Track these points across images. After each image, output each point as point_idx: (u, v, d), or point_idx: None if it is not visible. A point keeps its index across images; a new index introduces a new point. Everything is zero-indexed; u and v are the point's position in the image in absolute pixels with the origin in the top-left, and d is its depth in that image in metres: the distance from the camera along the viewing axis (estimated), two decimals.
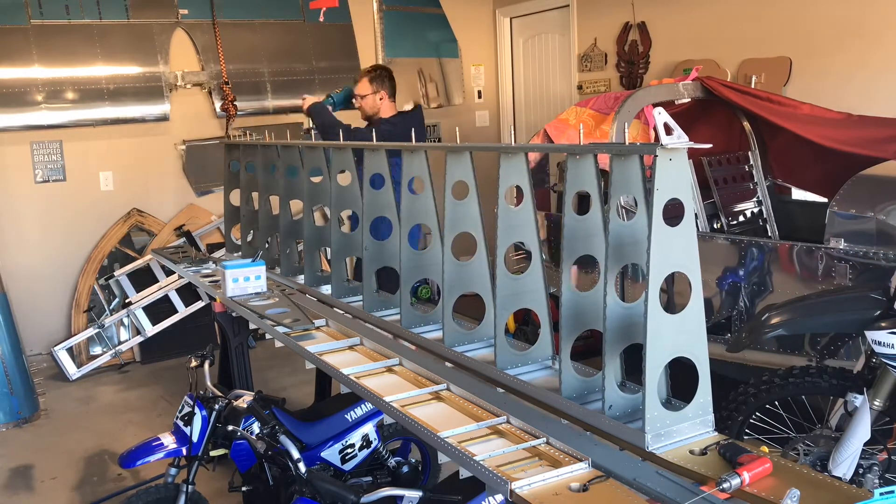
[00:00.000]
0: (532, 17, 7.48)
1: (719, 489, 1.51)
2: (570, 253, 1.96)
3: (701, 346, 1.73)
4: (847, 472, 2.58)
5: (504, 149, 2.13)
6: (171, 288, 5.79)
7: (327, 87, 6.62)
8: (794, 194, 4.73)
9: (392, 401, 2.14)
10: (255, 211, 3.95)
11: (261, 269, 3.30)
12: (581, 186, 1.92)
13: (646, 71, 6.22)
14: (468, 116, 7.69)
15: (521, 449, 1.84)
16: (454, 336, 2.43)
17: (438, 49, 7.24)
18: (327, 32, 6.60)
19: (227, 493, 3.22)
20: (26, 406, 4.94)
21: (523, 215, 2.15)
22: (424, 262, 2.65)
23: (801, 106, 4.27)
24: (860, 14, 4.73)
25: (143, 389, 5.39)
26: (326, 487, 2.62)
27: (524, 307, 2.20)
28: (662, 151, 1.61)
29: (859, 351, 3.31)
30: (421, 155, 2.54)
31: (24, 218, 5.77)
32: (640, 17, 6.19)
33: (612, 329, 1.80)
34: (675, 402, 1.81)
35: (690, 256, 1.70)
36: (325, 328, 2.89)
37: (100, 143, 5.93)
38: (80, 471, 4.21)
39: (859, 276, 3.34)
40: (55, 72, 5.57)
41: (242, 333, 3.94)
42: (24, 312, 5.54)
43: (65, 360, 5.63)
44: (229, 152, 4.25)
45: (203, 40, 6.15)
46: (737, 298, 3.84)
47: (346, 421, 3.23)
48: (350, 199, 3.10)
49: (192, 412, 3.01)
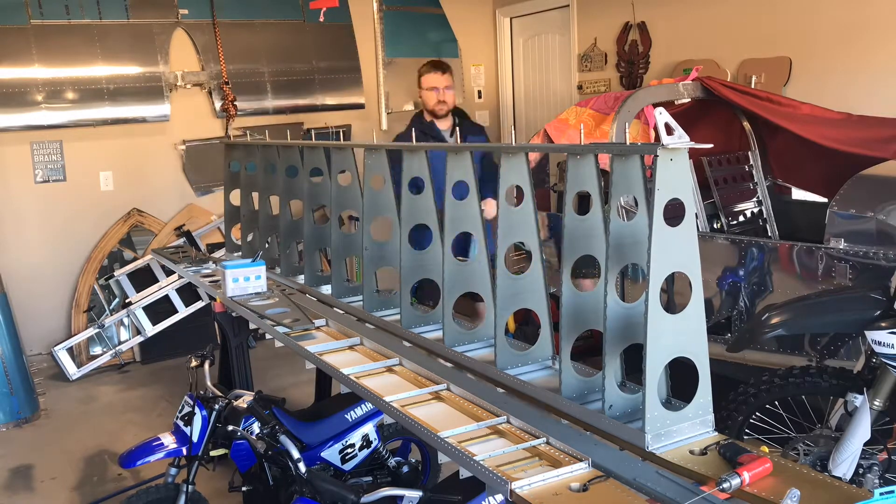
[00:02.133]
0: (532, 17, 7.48)
1: (719, 489, 1.51)
2: (570, 253, 1.96)
3: (701, 346, 1.73)
4: (847, 472, 2.58)
5: (504, 149, 2.13)
6: (171, 288, 5.79)
7: (327, 87, 6.63)
8: (794, 194, 4.73)
9: (392, 401, 2.14)
10: (255, 211, 3.95)
11: (261, 269, 3.30)
12: (581, 186, 1.92)
13: (646, 71, 6.22)
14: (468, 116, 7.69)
15: (521, 449, 1.84)
16: (454, 336, 2.43)
17: (438, 49, 7.24)
18: (327, 32, 6.60)
19: (227, 493, 3.22)
20: (26, 406, 4.94)
21: (523, 215, 2.15)
22: (424, 262, 2.65)
23: (801, 106, 4.27)
24: (860, 14, 4.73)
25: (143, 389, 5.39)
26: (326, 487, 2.62)
27: (524, 307, 2.20)
28: (663, 151, 1.61)
29: (859, 351, 3.31)
30: (421, 155, 2.54)
31: (24, 218, 5.77)
32: (640, 17, 6.19)
33: (612, 329, 1.80)
34: (675, 402, 1.81)
35: (690, 256, 1.70)
36: (325, 328, 2.89)
37: (100, 143, 5.93)
38: (80, 471, 4.21)
39: (859, 276, 3.34)
40: (55, 72, 5.57)
41: (242, 333, 3.94)
42: (24, 312, 5.54)
43: (65, 360, 5.63)
44: (229, 152, 4.25)
45: (203, 40, 6.15)
46: (737, 298, 3.84)
47: (346, 421, 3.22)
48: (350, 199, 3.10)
49: (192, 412, 3.01)
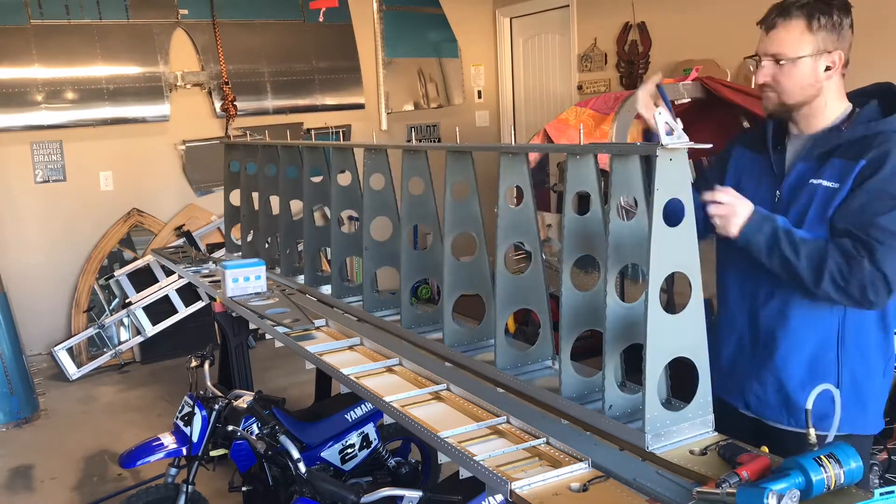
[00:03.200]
0: (532, 17, 7.48)
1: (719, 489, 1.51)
2: (570, 253, 1.96)
3: (701, 346, 1.73)
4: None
5: (504, 149, 2.13)
6: (171, 288, 5.79)
7: (327, 87, 6.63)
8: None
9: (392, 401, 2.14)
10: (255, 211, 3.95)
11: (261, 269, 3.30)
12: (581, 186, 1.92)
13: (646, 71, 6.22)
14: (468, 116, 7.69)
15: (521, 449, 1.84)
16: (454, 336, 2.43)
17: (438, 49, 7.24)
18: (327, 32, 6.60)
19: (227, 493, 3.22)
20: (26, 406, 4.94)
21: (523, 215, 2.15)
22: (424, 262, 2.65)
23: None
24: (861, 14, 4.72)
25: (143, 389, 5.39)
26: (326, 487, 2.62)
27: (524, 307, 2.20)
28: (663, 151, 1.61)
29: None
30: (421, 155, 2.54)
31: (24, 218, 5.77)
32: (640, 17, 6.19)
33: (612, 329, 1.80)
34: (675, 402, 1.81)
35: (690, 256, 1.69)
36: (325, 328, 2.89)
37: (100, 143, 5.93)
38: (80, 471, 4.21)
39: None
40: (55, 72, 5.57)
41: (242, 333, 3.94)
42: (24, 312, 5.54)
43: (65, 360, 5.64)
44: (229, 152, 4.25)
45: (203, 40, 6.16)
46: None
47: (346, 421, 3.23)
48: (350, 199, 3.10)
49: (192, 412, 3.01)
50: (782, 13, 1.96)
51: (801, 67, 1.95)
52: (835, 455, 1.41)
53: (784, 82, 1.98)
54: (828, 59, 1.95)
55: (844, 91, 2.05)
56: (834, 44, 1.95)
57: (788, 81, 1.97)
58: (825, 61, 1.95)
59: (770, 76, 2.00)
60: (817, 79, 1.96)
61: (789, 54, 1.95)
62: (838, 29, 1.95)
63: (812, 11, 1.93)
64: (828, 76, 1.97)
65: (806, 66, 1.95)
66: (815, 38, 1.94)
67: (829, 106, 2.01)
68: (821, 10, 1.93)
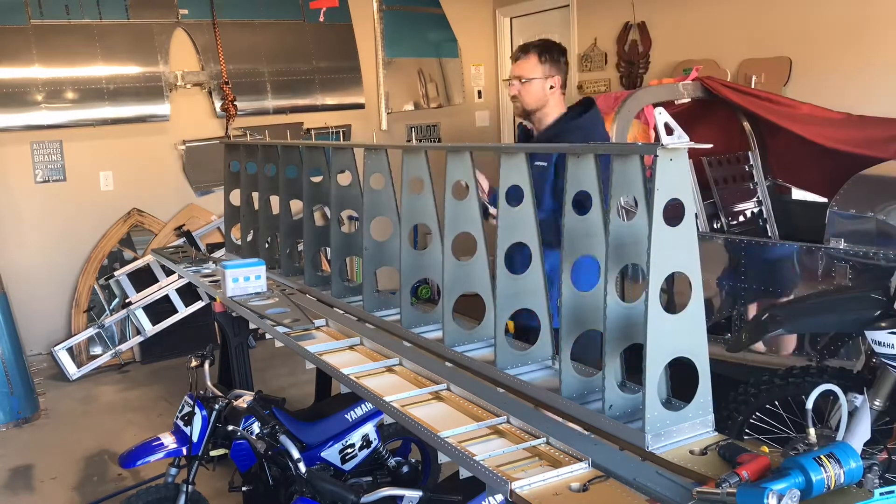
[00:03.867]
0: (532, 17, 7.48)
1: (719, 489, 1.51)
2: (570, 253, 1.96)
3: (701, 346, 1.73)
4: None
5: (504, 149, 2.13)
6: (171, 288, 5.79)
7: (327, 87, 6.63)
8: (794, 194, 4.73)
9: (392, 401, 2.14)
10: (255, 211, 3.95)
11: (261, 269, 3.30)
12: (581, 186, 1.92)
13: (646, 71, 6.22)
14: (468, 116, 7.69)
15: (521, 449, 1.84)
16: (454, 336, 2.43)
17: (438, 49, 7.24)
18: (327, 32, 6.59)
19: (227, 493, 3.22)
20: (26, 406, 4.94)
21: (523, 215, 2.15)
22: (424, 262, 2.65)
23: (801, 106, 4.27)
24: (861, 14, 4.73)
25: (143, 389, 5.39)
26: (326, 487, 2.62)
27: (524, 307, 2.20)
28: (663, 151, 1.61)
29: (859, 351, 3.31)
30: (421, 155, 2.54)
31: (24, 218, 5.77)
32: (640, 17, 6.19)
33: (612, 329, 1.80)
34: (675, 402, 1.81)
35: (690, 256, 1.69)
36: (325, 328, 2.89)
37: (100, 143, 5.93)
38: (80, 471, 4.21)
39: (859, 276, 3.34)
40: (55, 72, 5.57)
41: (242, 333, 3.94)
42: (24, 312, 5.54)
43: (65, 360, 5.64)
44: (229, 152, 4.25)
45: (203, 40, 6.15)
46: (737, 298, 3.85)
47: (346, 421, 3.22)
48: (350, 199, 3.10)
49: (192, 412, 3.01)
50: (523, 50, 2.98)
51: (534, 85, 2.95)
52: (835, 455, 1.41)
53: (525, 95, 2.96)
54: (552, 80, 2.94)
55: (564, 103, 3.02)
56: (555, 71, 2.94)
57: (528, 95, 2.96)
58: (550, 82, 2.95)
59: (517, 91, 2.97)
60: (545, 93, 2.96)
61: (528, 76, 2.94)
62: (558, 63, 2.96)
63: (541, 50, 2.94)
64: (552, 92, 2.96)
65: (538, 85, 2.95)
66: (544, 67, 2.93)
67: (552, 112, 2.99)
68: (547, 49, 2.95)
